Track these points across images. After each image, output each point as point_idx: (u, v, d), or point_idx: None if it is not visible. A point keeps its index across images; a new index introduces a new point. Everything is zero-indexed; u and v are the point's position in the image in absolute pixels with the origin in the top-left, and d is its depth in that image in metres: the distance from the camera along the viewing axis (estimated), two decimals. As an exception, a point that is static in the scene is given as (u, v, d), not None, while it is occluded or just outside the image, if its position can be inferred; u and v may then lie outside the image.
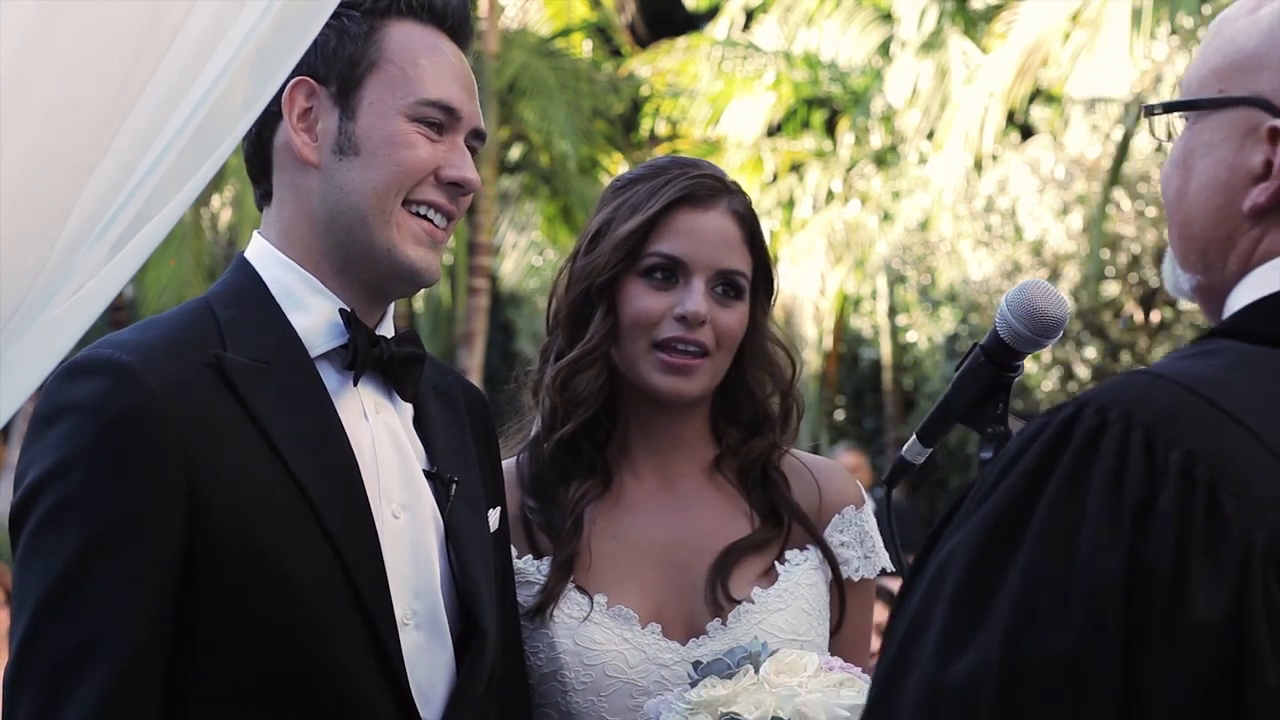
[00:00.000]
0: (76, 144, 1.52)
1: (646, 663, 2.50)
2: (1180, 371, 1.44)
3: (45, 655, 2.01)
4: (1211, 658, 1.33)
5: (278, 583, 2.07)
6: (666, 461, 2.64)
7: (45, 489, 2.04)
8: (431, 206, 2.22)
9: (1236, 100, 1.56)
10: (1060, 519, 1.37)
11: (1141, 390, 1.41)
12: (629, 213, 2.58)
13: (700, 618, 2.55)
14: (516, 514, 2.60)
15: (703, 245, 2.56)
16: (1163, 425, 1.38)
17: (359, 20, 2.21)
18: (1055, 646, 1.34)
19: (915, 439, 2.42)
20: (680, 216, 2.57)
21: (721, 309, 2.57)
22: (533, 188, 19.85)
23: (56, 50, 1.48)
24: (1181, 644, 1.33)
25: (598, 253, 2.59)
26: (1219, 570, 1.33)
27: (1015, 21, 17.03)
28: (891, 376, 19.45)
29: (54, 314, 1.57)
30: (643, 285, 2.56)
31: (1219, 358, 1.47)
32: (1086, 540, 1.35)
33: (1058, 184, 15.91)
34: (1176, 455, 1.36)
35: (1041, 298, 2.28)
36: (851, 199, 19.83)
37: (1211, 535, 1.34)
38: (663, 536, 2.60)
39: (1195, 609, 1.33)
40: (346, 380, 2.22)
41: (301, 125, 2.20)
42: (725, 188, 2.61)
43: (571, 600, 2.53)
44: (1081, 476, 1.38)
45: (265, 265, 2.23)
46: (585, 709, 2.50)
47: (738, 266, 2.59)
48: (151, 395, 2.05)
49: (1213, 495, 1.35)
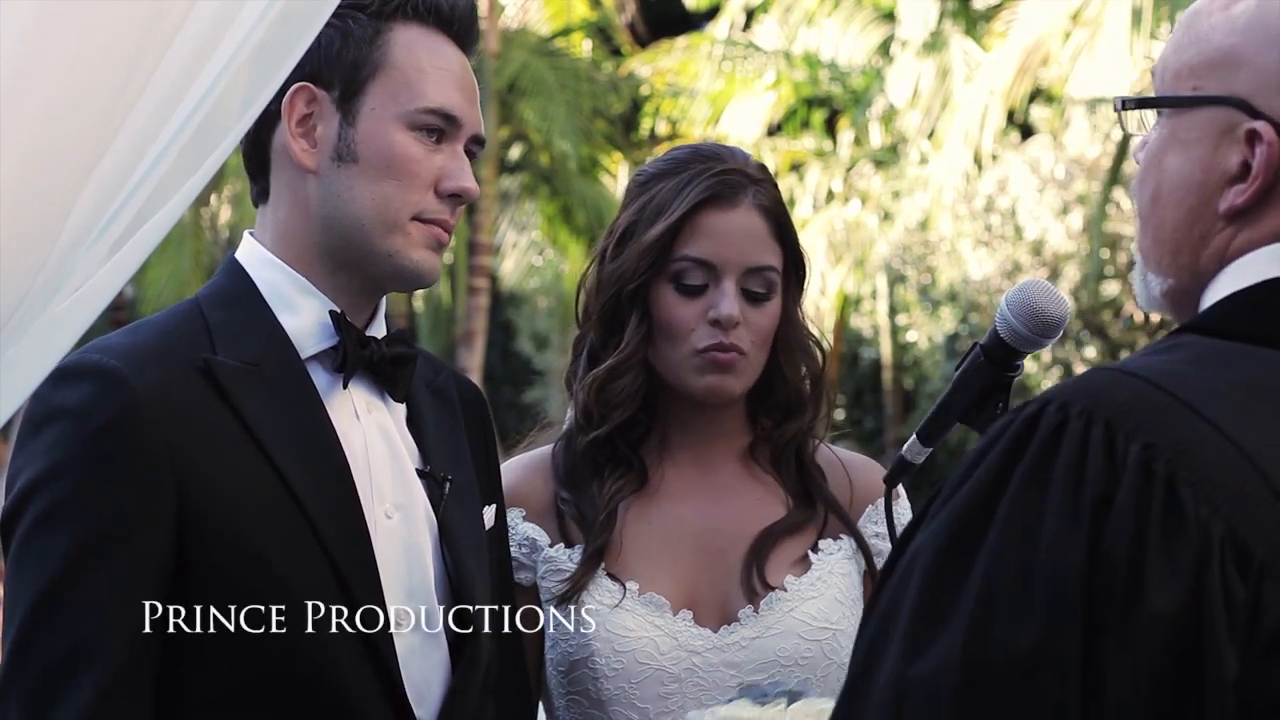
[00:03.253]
0: (76, 144, 1.51)
1: (678, 649, 2.50)
2: (1143, 366, 1.44)
3: (36, 661, 2.00)
4: (1170, 650, 1.33)
5: (269, 585, 2.07)
6: (704, 451, 2.64)
7: (35, 495, 2.04)
8: (434, 222, 2.21)
9: (1213, 99, 1.55)
10: (1022, 515, 1.37)
11: (1103, 386, 1.42)
12: (654, 215, 2.56)
13: (733, 604, 2.54)
14: (550, 503, 2.60)
15: (730, 245, 2.55)
16: (1123, 419, 1.38)
17: (364, 23, 2.19)
18: (1017, 641, 1.34)
19: (915, 439, 2.42)
20: (706, 218, 2.55)
21: (754, 309, 2.56)
22: (533, 187, 19.86)
23: (56, 50, 1.48)
24: (1140, 636, 1.33)
25: (625, 257, 2.57)
26: (1176, 562, 1.33)
27: (1015, 21, 17.04)
28: (891, 376, 19.46)
29: (54, 313, 1.57)
30: (674, 293, 2.56)
31: (1183, 352, 1.47)
32: (1047, 535, 1.36)
33: (1058, 184, 15.92)
34: (1136, 449, 1.36)
35: (1041, 297, 2.28)
36: (851, 199, 19.84)
37: (1169, 527, 1.34)
38: (698, 522, 2.60)
39: (1152, 601, 1.33)
40: (337, 381, 2.21)
41: (300, 131, 2.19)
42: (749, 179, 2.59)
43: (603, 587, 2.53)
44: (1043, 472, 1.38)
45: (255, 266, 2.22)
46: (616, 695, 2.50)
47: (767, 262, 2.58)
48: (139, 400, 2.04)
49: (1171, 488, 1.35)
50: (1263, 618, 1.33)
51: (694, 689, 2.50)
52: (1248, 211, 1.53)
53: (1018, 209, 16.22)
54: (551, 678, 2.56)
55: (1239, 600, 1.33)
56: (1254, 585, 1.34)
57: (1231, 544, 1.34)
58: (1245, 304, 1.50)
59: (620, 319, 2.59)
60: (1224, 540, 1.34)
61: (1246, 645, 1.33)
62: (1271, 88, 1.53)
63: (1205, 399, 1.39)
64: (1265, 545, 1.34)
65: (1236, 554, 1.34)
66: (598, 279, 2.62)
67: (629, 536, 2.57)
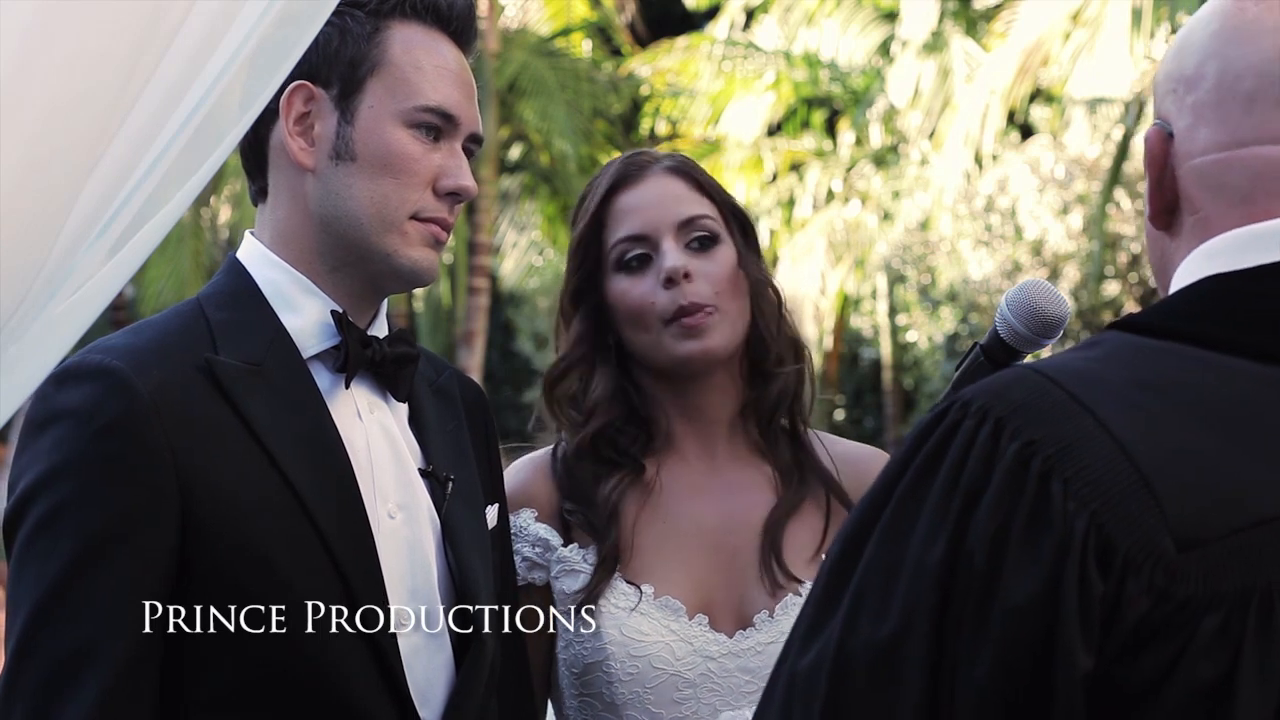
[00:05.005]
0: (76, 144, 1.51)
1: (693, 654, 2.50)
2: (1053, 365, 1.46)
3: (39, 662, 2.00)
4: (1022, 642, 1.34)
5: (272, 586, 2.07)
6: (711, 443, 2.64)
7: (38, 496, 2.03)
8: (433, 221, 2.21)
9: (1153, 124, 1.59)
10: (904, 510, 1.40)
11: (1005, 385, 1.43)
12: (578, 220, 2.63)
13: (749, 607, 2.54)
14: (557, 505, 2.61)
15: (653, 210, 2.58)
16: (1012, 417, 1.40)
17: (363, 21, 2.19)
18: (877, 635, 1.37)
19: (915, 439, 2.42)
20: (621, 198, 2.59)
21: (702, 259, 2.57)
22: (533, 187, 19.87)
23: (56, 50, 1.48)
24: (993, 629, 1.34)
25: (567, 270, 2.63)
26: (1035, 556, 1.35)
27: (1015, 21, 17.05)
28: (891, 376, 19.47)
29: (54, 313, 1.57)
30: (623, 278, 2.58)
31: (1098, 349, 1.48)
32: (919, 530, 1.38)
33: (1058, 184, 15.93)
34: (1016, 445, 1.38)
35: (1041, 297, 2.28)
36: (851, 199, 19.84)
37: (1033, 522, 1.36)
38: (709, 519, 2.59)
39: (1007, 594, 1.34)
40: (339, 381, 2.20)
41: (297, 130, 2.19)
42: (653, 158, 2.64)
43: (618, 590, 2.53)
44: (931, 468, 1.41)
45: (257, 266, 2.22)
46: (630, 700, 2.50)
47: (698, 212, 2.59)
48: (142, 401, 2.04)
49: (1043, 483, 1.36)
50: (1123, 613, 1.34)
51: (709, 694, 2.50)
52: (1167, 217, 1.56)
53: (1018, 209, 16.23)
54: (564, 678, 2.56)
55: (1095, 594, 1.34)
56: (1115, 580, 1.34)
57: (1096, 538, 1.34)
58: (1169, 302, 1.52)
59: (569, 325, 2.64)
60: (1088, 534, 1.34)
61: (1103, 641, 1.34)
62: (1161, 93, 1.58)
63: (1100, 397, 1.40)
64: (1131, 541, 1.35)
65: (1100, 548, 1.34)
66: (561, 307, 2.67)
67: (642, 538, 2.57)
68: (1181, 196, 1.55)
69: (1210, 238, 1.51)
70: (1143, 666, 1.35)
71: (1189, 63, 1.56)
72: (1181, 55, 1.57)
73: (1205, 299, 1.49)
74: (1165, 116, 1.57)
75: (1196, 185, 1.53)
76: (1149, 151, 1.57)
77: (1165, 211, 1.56)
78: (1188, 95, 1.55)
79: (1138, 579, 1.35)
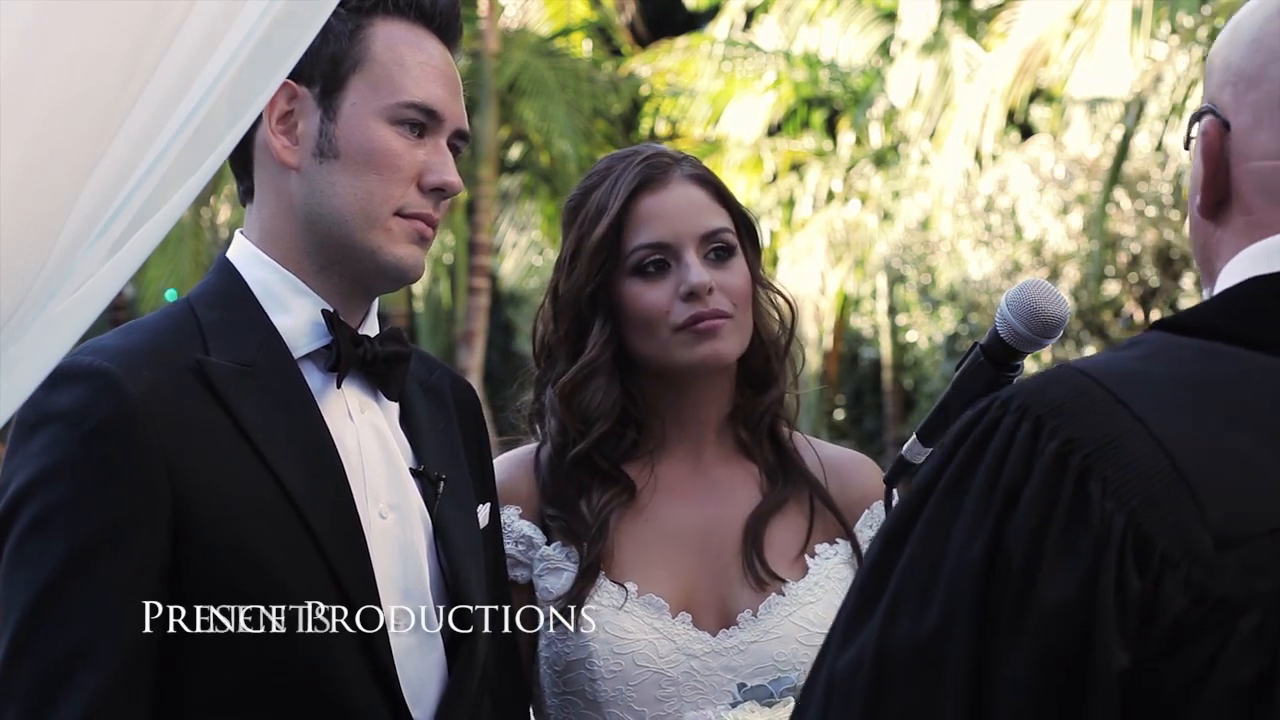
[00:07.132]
0: (76, 144, 1.51)
1: (676, 653, 2.50)
2: (1095, 364, 1.45)
3: (33, 665, 1.99)
4: (1059, 641, 1.33)
5: (265, 586, 2.06)
6: (698, 442, 2.64)
7: (29, 498, 2.02)
8: (417, 216, 2.21)
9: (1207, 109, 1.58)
10: (943, 510, 1.40)
11: (1045, 383, 1.43)
12: (595, 219, 2.57)
13: (732, 605, 2.54)
14: (537, 509, 2.60)
15: (677, 219, 2.56)
16: (1052, 415, 1.39)
17: (344, 18, 2.18)
18: (917, 632, 1.36)
19: (915, 439, 2.42)
20: (645, 204, 2.57)
21: (721, 271, 2.57)
22: (533, 187, 19.87)
23: (56, 50, 1.48)
24: (1030, 627, 1.34)
25: (577, 271, 2.58)
26: (1073, 554, 1.34)
27: (1015, 21, 17.04)
28: (891, 376, 19.46)
29: (54, 313, 1.57)
30: (638, 282, 2.56)
31: (1140, 349, 1.48)
32: (959, 528, 1.38)
33: (1058, 184, 15.92)
34: (1055, 444, 1.38)
35: (1041, 297, 2.28)
36: (851, 199, 19.84)
37: (1072, 520, 1.35)
38: (694, 519, 2.59)
39: (1044, 592, 1.34)
40: (330, 381, 2.20)
41: (281, 128, 2.18)
42: (672, 159, 2.62)
43: (603, 589, 2.53)
44: (971, 466, 1.41)
45: (247, 265, 2.21)
46: (613, 697, 2.50)
47: (719, 224, 2.59)
48: (133, 402, 2.03)
49: (1081, 482, 1.36)
50: (1161, 611, 1.34)
51: (691, 692, 2.50)
52: (1216, 209, 1.55)
53: (1018, 209, 16.22)
54: (545, 677, 2.56)
55: (1133, 593, 1.34)
56: (1153, 579, 1.34)
57: (1134, 537, 1.34)
58: (1213, 303, 1.52)
59: (587, 329, 2.59)
60: (1125, 533, 1.34)
61: (1141, 639, 1.34)
62: (1218, 82, 1.56)
63: (1140, 395, 1.40)
64: (1169, 539, 1.34)
65: (1138, 547, 1.34)
66: (554, 309, 2.62)
67: (626, 536, 2.57)
68: (1234, 193, 1.54)
69: (1260, 240, 1.51)
70: (1179, 666, 1.34)
71: (1252, 59, 1.54)
72: (1243, 48, 1.55)
73: (1250, 300, 1.49)
74: (1220, 105, 1.55)
75: (1254, 189, 1.53)
76: (1206, 143, 1.55)
77: (1216, 204, 1.55)
78: (1249, 92, 1.53)
79: (1175, 577, 1.34)
